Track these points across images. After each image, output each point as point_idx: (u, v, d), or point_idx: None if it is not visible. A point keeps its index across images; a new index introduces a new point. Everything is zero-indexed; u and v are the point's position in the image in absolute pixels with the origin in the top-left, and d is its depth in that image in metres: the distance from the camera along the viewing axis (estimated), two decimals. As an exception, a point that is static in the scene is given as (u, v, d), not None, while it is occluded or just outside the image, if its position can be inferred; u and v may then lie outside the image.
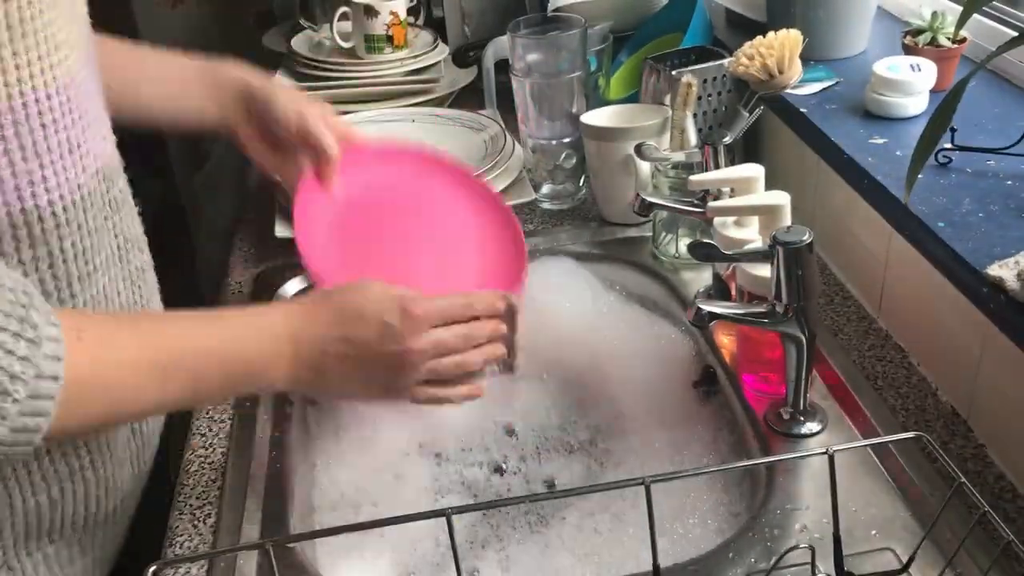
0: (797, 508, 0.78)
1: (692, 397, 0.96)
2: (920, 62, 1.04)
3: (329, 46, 1.61)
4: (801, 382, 0.84)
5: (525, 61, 1.23)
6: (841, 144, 1.01)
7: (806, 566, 0.69)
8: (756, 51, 0.95)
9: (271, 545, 0.63)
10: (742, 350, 0.94)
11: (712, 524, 0.81)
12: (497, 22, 1.65)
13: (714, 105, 1.24)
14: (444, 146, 1.38)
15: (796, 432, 0.86)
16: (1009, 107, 1.04)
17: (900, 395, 0.90)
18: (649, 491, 0.62)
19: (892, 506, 0.78)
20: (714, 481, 0.84)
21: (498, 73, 1.44)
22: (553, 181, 1.29)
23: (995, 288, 0.76)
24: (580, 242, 1.19)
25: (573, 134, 1.24)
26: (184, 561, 0.79)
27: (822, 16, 1.18)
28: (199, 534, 0.82)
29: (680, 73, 1.17)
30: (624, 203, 1.17)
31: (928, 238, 0.85)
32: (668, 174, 1.08)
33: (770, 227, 0.85)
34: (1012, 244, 0.81)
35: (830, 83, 1.14)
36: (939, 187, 0.91)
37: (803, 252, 0.76)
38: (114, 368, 0.64)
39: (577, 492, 0.75)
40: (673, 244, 1.13)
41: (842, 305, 1.04)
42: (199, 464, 0.90)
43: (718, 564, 0.74)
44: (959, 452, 0.83)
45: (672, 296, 1.10)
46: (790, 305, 0.78)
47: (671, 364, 1.00)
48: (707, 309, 0.80)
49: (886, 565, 0.72)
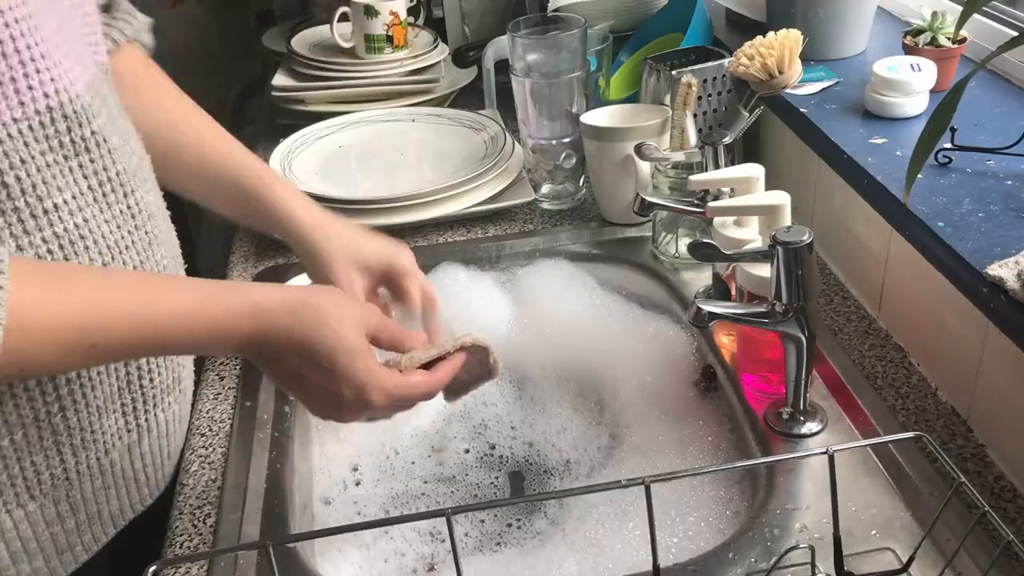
0: (797, 508, 0.78)
1: (692, 397, 0.96)
2: (920, 62, 1.04)
3: (329, 46, 1.61)
4: (801, 382, 0.84)
5: (525, 61, 1.23)
6: (841, 144, 1.01)
7: (806, 566, 0.69)
8: (756, 51, 0.95)
9: (271, 545, 0.63)
10: (742, 350, 0.94)
11: (712, 524, 0.81)
12: (497, 22, 1.66)
13: (714, 105, 1.24)
14: (444, 146, 1.38)
15: (796, 432, 0.86)
16: (1009, 107, 1.04)
17: (900, 395, 0.90)
18: (649, 491, 0.62)
19: (892, 506, 0.78)
20: (714, 481, 0.84)
21: (498, 73, 1.44)
22: (553, 181, 1.29)
23: (995, 288, 0.76)
24: (580, 242, 1.19)
25: (573, 134, 1.24)
26: (184, 561, 0.79)
27: (822, 16, 1.18)
28: (199, 534, 0.82)
29: (680, 73, 1.17)
30: (624, 203, 1.17)
31: (928, 238, 0.85)
32: (668, 174, 1.08)
33: (770, 227, 0.85)
34: (1012, 244, 0.81)
35: (830, 83, 1.14)
36: (939, 187, 0.91)
37: (803, 252, 0.76)
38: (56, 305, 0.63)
39: (577, 492, 0.75)
40: (673, 244, 1.13)
41: (842, 305, 1.04)
42: (199, 464, 0.90)
43: (718, 564, 0.74)
44: (959, 452, 0.83)
45: (672, 296, 1.10)
46: (790, 305, 0.78)
47: (671, 364, 1.00)
48: (707, 309, 0.80)
49: (886, 565, 0.72)
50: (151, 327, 0.68)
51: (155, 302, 0.68)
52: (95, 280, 0.69)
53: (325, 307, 0.73)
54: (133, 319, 0.67)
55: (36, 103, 0.69)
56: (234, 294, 0.72)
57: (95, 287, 0.67)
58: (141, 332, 0.67)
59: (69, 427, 0.73)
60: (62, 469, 0.74)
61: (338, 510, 0.89)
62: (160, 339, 0.69)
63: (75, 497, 0.77)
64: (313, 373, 0.72)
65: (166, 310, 0.68)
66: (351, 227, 0.93)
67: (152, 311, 0.68)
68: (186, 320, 0.69)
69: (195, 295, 0.71)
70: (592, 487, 0.69)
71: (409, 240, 1.23)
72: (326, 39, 1.63)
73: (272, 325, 0.71)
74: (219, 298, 0.71)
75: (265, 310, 0.71)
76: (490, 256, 1.18)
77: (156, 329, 0.68)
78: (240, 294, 0.72)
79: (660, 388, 0.97)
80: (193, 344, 0.72)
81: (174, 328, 0.69)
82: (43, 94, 0.69)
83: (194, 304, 0.70)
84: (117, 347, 0.67)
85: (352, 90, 1.53)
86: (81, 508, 0.78)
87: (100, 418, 0.76)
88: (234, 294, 0.72)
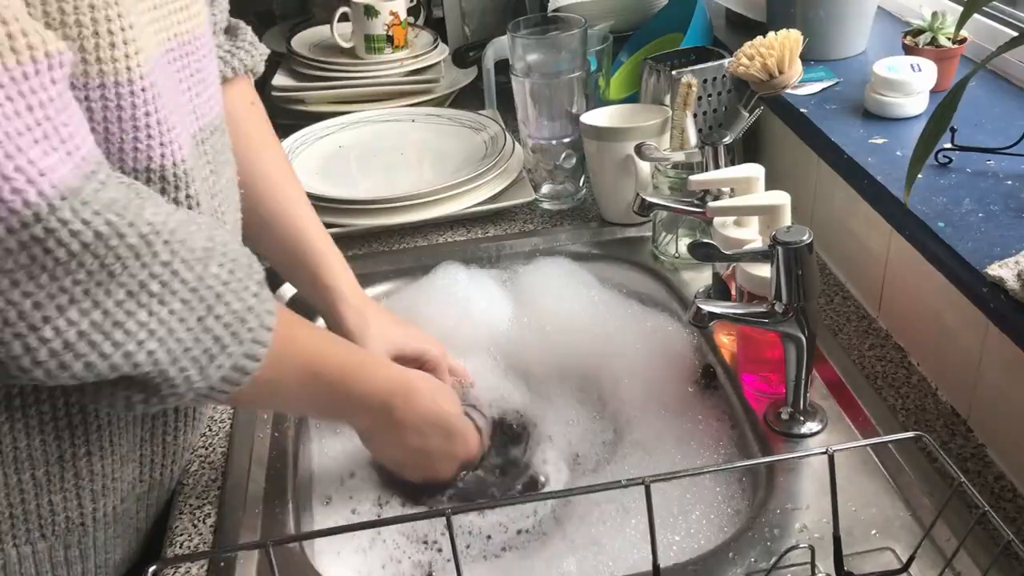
0: (797, 508, 0.78)
1: (692, 397, 0.96)
2: (920, 62, 1.04)
3: (329, 46, 1.61)
4: (801, 382, 0.84)
5: (525, 61, 1.23)
6: (841, 144, 1.01)
7: (806, 566, 0.69)
8: (756, 51, 0.95)
9: (271, 545, 0.63)
10: (742, 350, 0.94)
11: (712, 523, 0.81)
12: (497, 22, 1.66)
13: (714, 105, 1.24)
14: (444, 146, 1.38)
15: (796, 432, 0.86)
16: (1009, 107, 1.04)
17: (900, 395, 0.90)
18: (649, 491, 0.62)
19: (892, 506, 0.78)
20: (714, 480, 0.84)
21: (498, 73, 1.44)
22: (553, 181, 1.29)
23: (995, 288, 0.76)
24: (580, 242, 1.19)
25: (573, 134, 1.24)
26: (184, 561, 0.79)
27: (822, 16, 1.18)
28: (199, 534, 0.82)
29: (680, 73, 1.17)
30: (624, 203, 1.17)
31: (928, 238, 0.85)
32: (668, 174, 1.08)
33: (770, 227, 0.85)
34: (1012, 244, 0.81)
35: (830, 83, 1.14)
36: (939, 187, 0.91)
37: (803, 252, 0.76)
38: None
39: (577, 492, 0.75)
40: (673, 244, 1.13)
41: (842, 305, 1.04)
42: (199, 464, 0.90)
43: (718, 564, 0.74)
44: (959, 452, 0.83)
45: (672, 296, 1.10)
46: (790, 305, 0.78)
47: (671, 364, 1.00)
48: (707, 309, 0.80)
49: (886, 565, 0.72)
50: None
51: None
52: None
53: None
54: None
55: (137, 163, 0.69)
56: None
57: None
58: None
59: (92, 472, 0.75)
60: (79, 513, 0.76)
61: (338, 510, 0.89)
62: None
63: (86, 544, 0.78)
64: (440, 439, 0.86)
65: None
66: (389, 314, 1.00)
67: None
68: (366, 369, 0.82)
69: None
70: (592, 487, 0.69)
71: (409, 240, 1.23)
72: (326, 39, 1.63)
73: (420, 397, 0.84)
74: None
75: (419, 386, 0.86)
76: (490, 256, 1.18)
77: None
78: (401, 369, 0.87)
79: (660, 388, 0.97)
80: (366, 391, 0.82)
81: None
82: (147, 156, 0.69)
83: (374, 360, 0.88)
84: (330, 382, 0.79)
85: (352, 90, 1.53)
86: (91, 556, 0.79)
87: (122, 466, 0.77)
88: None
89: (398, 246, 1.23)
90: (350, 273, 0.98)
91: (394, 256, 1.21)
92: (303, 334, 0.78)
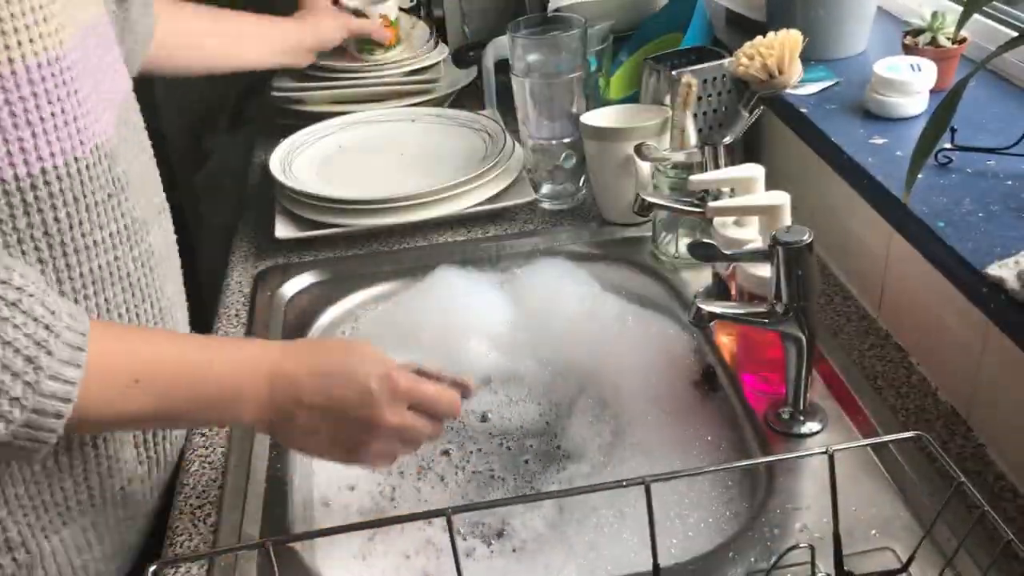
0: (797, 508, 0.78)
1: (692, 397, 0.96)
2: (920, 62, 1.04)
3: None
4: (801, 382, 0.84)
5: (525, 61, 1.23)
6: (841, 144, 1.01)
7: (806, 565, 0.69)
8: (756, 51, 0.95)
9: (271, 545, 0.63)
10: (742, 350, 0.94)
11: (712, 523, 0.81)
12: (497, 22, 1.65)
13: (714, 105, 1.24)
14: (444, 146, 1.38)
15: (796, 432, 0.86)
16: (1009, 107, 1.04)
17: (900, 395, 0.90)
18: (649, 491, 0.62)
19: (892, 506, 0.78)
20: (714, 480, 0.84)
21: (498, 73, 1.44)
22: (553, 181, 1.29)
23: (995, 288, 0.76)
24: (580, 242, 1.19)
25: (573, 134, 1.24)
26: (184, 561, 0.79)
27: (822, 16, 1.18)
28: (199, 534, 0.82)
29: (680, 73, 1.17)
30: (624, 203, 1.17)
31: (928, 238, 0.85)
32: (668, 174, 1.08)
33: (770, 227, 0.85)
34: (1012, 244, 0.81)
35: (830, 83, 1.14)
36: (939, 187, 0.91)
37: (803, 252, 0.76)
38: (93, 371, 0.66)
39: (577, 492, 0.75)
40: (673, 244, 1.13)
41: (842, 305, 1.04)
42: (199, 464, 0.90)
43: (718, 564, 0.74)
44: (959, 452, 0.83)
45: (672, 296, 1.10)
46: (790, 305, 0.78)
47: (671, 364, 1.00)
48: (707, 309, 0.80)
49: (886, 565, 0.72)
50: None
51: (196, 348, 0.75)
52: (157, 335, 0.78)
53: (336, 343, 0.85)
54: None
55: (93, 139, 0.72)
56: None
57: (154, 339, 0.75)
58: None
59: (97, 455, 0.77)
60: (88, 496, 0.78)
61: (337, 511, 0.89)
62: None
63: (100, 525, 0.80)
64: (337, 391, 0.74)
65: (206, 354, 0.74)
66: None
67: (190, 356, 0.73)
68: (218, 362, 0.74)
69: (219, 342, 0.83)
70: (591, 487, 0.69)
71: (409, 240, 1.23)
72: (326, 39, 1.63)
73: (290, 354, 0.75)
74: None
75: (278, 348, 0.77)
76: (490, 256, 1.18)
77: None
78: (247, 342, 0.84)
79: (660, 388, 0.97)
80: (223, 382, 0.73)
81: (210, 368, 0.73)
82: (92, 132, 0.72)
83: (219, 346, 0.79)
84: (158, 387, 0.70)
85: (352, 90, 1.53)
86: (105, 538, 0.81)
87: (121, 447, 0.79)
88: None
89: (398, 246, 1.23)
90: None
91: (394, 256, 1.21)
92: (121, 348, 0.69)
